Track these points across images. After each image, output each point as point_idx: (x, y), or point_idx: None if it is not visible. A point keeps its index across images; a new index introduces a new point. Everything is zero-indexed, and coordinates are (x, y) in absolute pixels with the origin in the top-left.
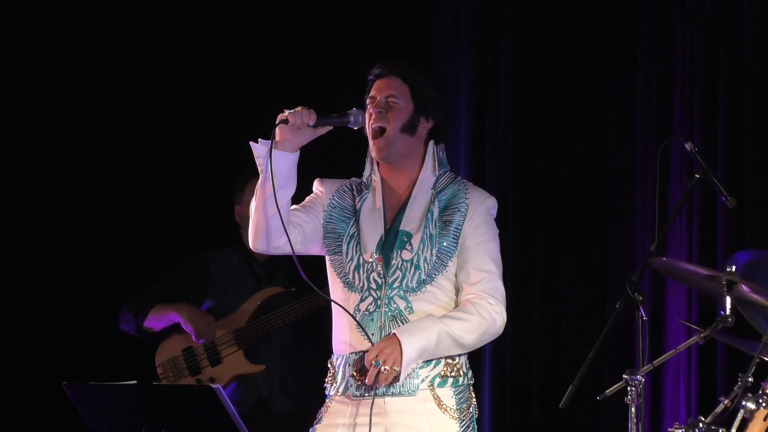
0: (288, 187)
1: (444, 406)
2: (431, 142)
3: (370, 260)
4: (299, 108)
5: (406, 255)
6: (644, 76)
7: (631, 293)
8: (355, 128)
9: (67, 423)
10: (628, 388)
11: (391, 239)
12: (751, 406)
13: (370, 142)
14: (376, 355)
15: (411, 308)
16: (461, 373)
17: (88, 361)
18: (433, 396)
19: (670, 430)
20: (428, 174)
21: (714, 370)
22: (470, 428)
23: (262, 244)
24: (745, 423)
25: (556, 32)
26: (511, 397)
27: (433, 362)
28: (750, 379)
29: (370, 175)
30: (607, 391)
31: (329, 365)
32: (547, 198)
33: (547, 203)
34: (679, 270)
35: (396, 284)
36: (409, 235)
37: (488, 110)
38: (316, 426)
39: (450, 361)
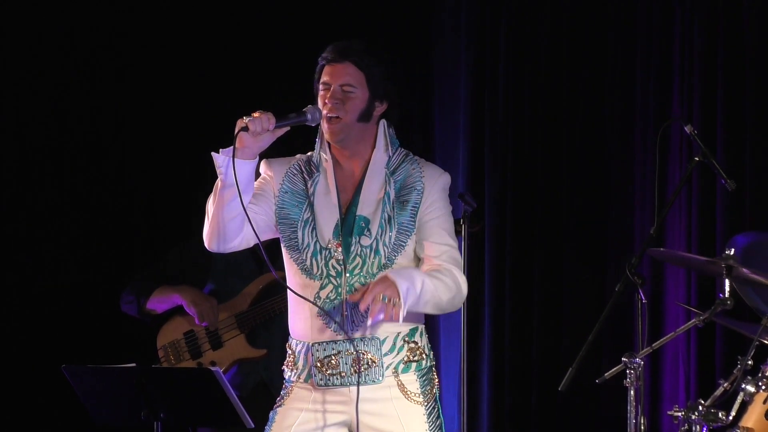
0: (247, 192)
1: (408, 391)
2: (382, 122)
3: (328, 246)
4: (257, 113)
5: (365, 241)
6: (644, 58)
7: (631, 276)
8: (313, 125)
9: (66, 406)
10: (627, 371)
11: (349, 225)
12: (750, 388)
13: (324, 125)
14: (380, 293)
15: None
16: (423, 356)
17: (87, 344)
18: (398, 383)
19: (669, 412)
20: (381, 155)
21: (713, 353)
22: (435, 409)
23: (218, 246)
24: (744, 406)
25: (556, 16)
26: (510, 380)
27: (397, 348)
28: (749, 362)
29: (320, 154)
30: (606, 374)
31: (288, 348)
32: (546, 182)
33: (547, 187)
34: (678, 258)
35: (357, 271)
36: (367, 221)
37: (487, 94)
38: (278, 409)
39: (413, 345)
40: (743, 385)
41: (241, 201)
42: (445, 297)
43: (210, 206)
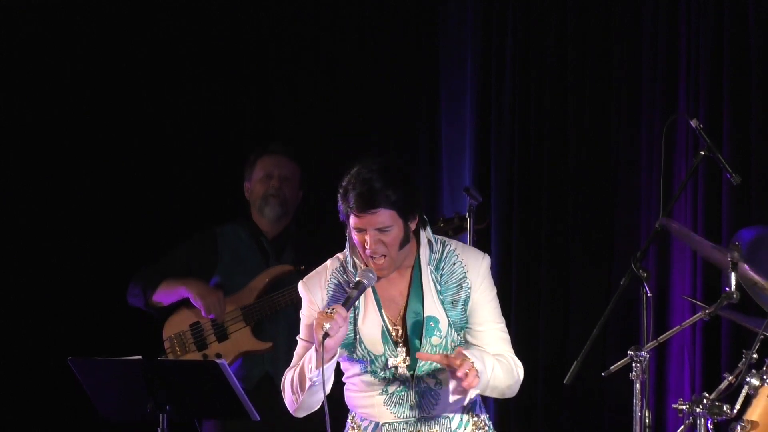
0: (330, 381)
1: None
2: (424, 233)
3: (383, 354)
4: (328, 313)
5: (435, 341)
6: (650, 53)
7: (636, 270)
8: (373, 283)
9: (72, 398)
10: (633, 365)
11: (417, 328)
12: (755, 382)
13: (367, 260)
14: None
15: (440, 383)
16: (486, 428)
17: (93, 336)
18: None
19: (674, 406)
20: (425, 256)
21: (718, 347)
22: None
23: (300, 416)
24: (749, 399)
25: (563, 10)
26: None
27: (464, 425)
28: (754, 356)
29: (353, 269)
30: (611, 368)
31: (351, 422)
32: (552, 176)
33: (553, 182)
34: (690, 237)
35: (424, 370)
36: (436, 320)
37: (494, 88)
38: None
39: (476, 419)
40: (748, 379)
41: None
42: (505, 384)
43: (291, 392)
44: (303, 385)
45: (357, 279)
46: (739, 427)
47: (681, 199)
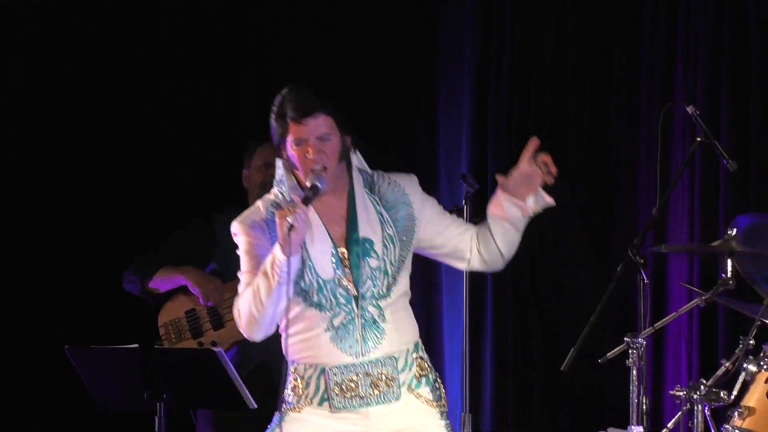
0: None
1: (422, 398)
2: (354, 154)
3: (333, 279)
4: (291, 209)
5: (373, 263)
6: (648, 41)
7: (633, 257)
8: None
9: (69, 387)
10: (630, 351)
11: (356, 250)
12: (752, 368)
13: (308, 175)
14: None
15: (383, 316)
16: (429, 369)
17: (87, 324)
18: (414, 396)
19: (671, 392)
20: (359, 179)
21: (715, 333)
22: (446, 415)
23: (265, 335)
24: (746, 385)
25: (561, 10)
26: (512, 361)
27: (408, 365)
28: (751, 342)
29: (289, 198)
30: (608, 354)
31: (294, 374)
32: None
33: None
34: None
35: (368, 294)
36: (371, 242)
37: (492, 79)
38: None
39: (419, 360)
40: (745, 365)
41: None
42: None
43: (253, 306)
44: (268, 290)
45: (310, 183)
46: (736, 414)
47: (678, 187)
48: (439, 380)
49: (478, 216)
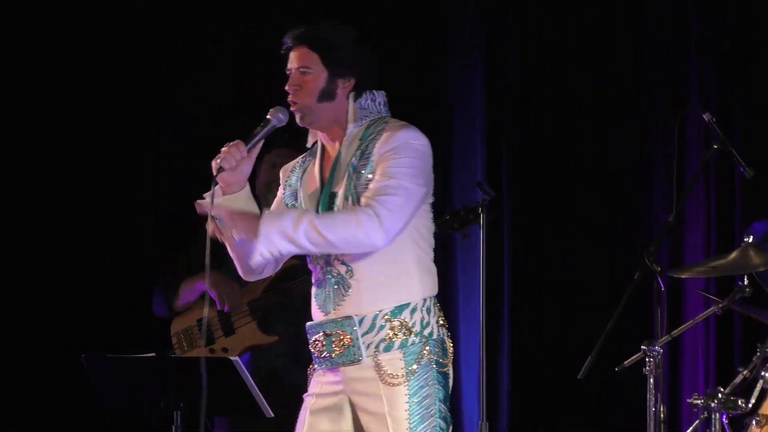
0: (251, 229)
1: (384, 372)
2: (350, 97)
3: None
4: (225, 149)
5: None
6: (659, 45)
7: (649, 264)
8: (284, 124)
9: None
10: (647, 359)
11: (324, 201)
12: None
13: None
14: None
15: (351, 271)
16: (411, 333)
17: (98, 333)
18: (375, 363)
19: (688, 400)
20: (352, 129)
21: (732, 341)
22: (426, 389)
23: (254, 277)
24: (764, 393)
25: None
26: (529, 369)
27: (377, 327)
28: None
29: (315, 143)
30: (625, 362)
31: None
32: (565, 171)
33: (566, 177)
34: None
35: None
36: (335, 194)
37: (503, 81)
38: (304, 396)
39: (396, 323)
40: (762, 373)
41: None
42: (332, 235)
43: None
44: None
45: (267, 117)
46: (753, 422)
47: (694, 193)
48: (429, 346)
49: (494, 222)
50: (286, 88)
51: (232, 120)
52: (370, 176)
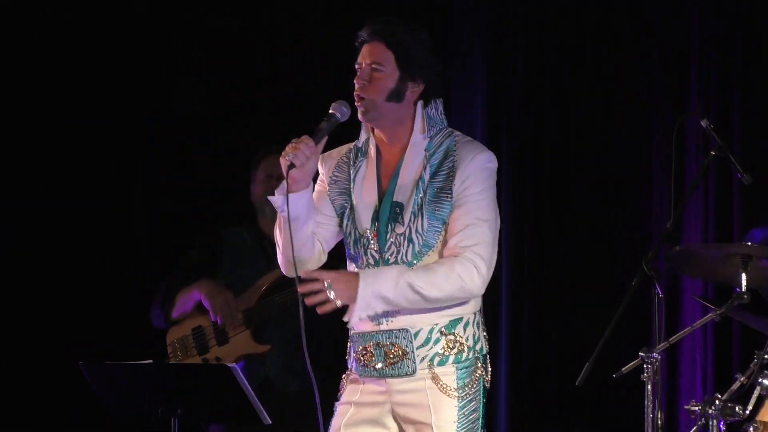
0: (310, 220)
1: (442, 384)
2: (419, 104)
3: (366, 235)
4: (294, 145)
5: (399, 228)
6: (660, 49)
7: (647, 270)
8: (347, 119)
9: (81, 401)
10: (644, 366)
11: (385, 211)
12: (767, 383)
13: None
14: (330, 281)
15: None
16: (465, 347)
17: (96, 340)
18: (432, 375)
19: (686, 407)
20: (418, 137)
21: (730, 348)
22: (473, 403)
23: (285, 271)
24: (761, 400)
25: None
26: (527, 375)
27: (432, 341)
28: (766, 357)
29: (366, 140)
30: (623, 369)
31: (350, 341)
32: (564, 177)
33: (564, 182)
34: (695, 255)
35: (392, 259)
36: (401, 207)
37: (504, 82)
38: (337, 404)
39: (451, 337)
40: (760, 380)
41: (289, 233)
42: (434, 292)
43: (279, 239)
44: (279, 226)
45: (330, 111)
46: (751, 428)
47: (692, 200)
48: (480, 362)
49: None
50: (355, 81)
51: (232, 120)
52: (447, 199)
